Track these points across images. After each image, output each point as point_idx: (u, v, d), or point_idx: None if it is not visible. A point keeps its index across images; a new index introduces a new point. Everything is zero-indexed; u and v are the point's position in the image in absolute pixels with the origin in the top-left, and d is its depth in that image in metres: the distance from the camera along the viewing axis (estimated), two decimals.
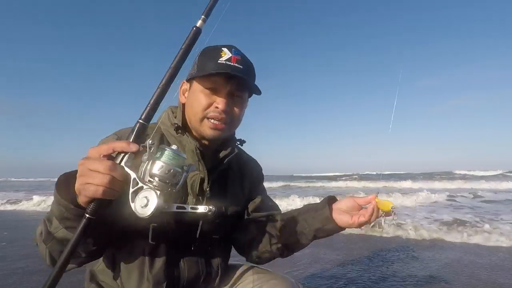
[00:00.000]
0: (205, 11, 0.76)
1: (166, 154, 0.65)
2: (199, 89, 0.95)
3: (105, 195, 0.65)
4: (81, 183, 0.66)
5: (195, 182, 0.97)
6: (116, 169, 0.64)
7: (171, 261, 0.93)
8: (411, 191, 10.67)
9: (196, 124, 0.95)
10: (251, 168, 1.17)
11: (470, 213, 5.94)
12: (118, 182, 0.65)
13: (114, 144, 0.66)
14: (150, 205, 0.63)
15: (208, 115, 0.93)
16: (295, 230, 1.00)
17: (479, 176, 23.04)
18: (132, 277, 0.90)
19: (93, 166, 0.64)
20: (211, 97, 0.93)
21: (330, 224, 0.94)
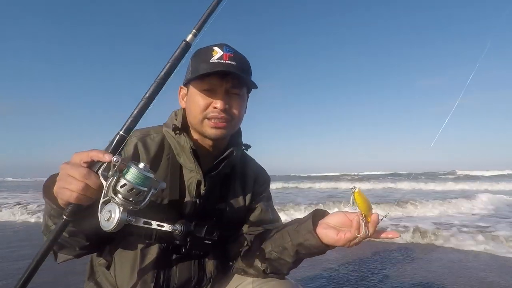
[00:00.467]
0: (197, 26, 0.75)
1: (131, 172, 0.65)
2: (195, 92, 0.95)
3: (79, 201, 0.68)
4: (58, 187, 0.70)
5: (192, 184, 0.98)
6: (90, 177, 0.67)
7: (162, 262, 0.95)
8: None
9: (197, 126, 0.96)
10: (256, 176, 1.15)
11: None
12: (91, 190, 0.68)
13: (92, 152, 0.69)
14: (112, 220, 0.65)
15: (207, 115, 0.94)
16: (277, 244, 0.95)
17: (486, 176, 22.48)
18: (124, 270, 0.94)
19: (70, 172, 0.68)
20: (208, 98, 0.93)
21: (312, 240, 0.86)
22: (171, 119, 1.04)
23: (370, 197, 1.06)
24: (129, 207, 0.66)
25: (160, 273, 0.95)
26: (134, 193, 0.66)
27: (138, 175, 0.65)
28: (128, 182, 0.65)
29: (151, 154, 0.98)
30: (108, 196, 0.66)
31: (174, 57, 0.74)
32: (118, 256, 0.96)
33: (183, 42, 0.75)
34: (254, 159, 1.21)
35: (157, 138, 1.01)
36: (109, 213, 0.66)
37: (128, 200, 0.66)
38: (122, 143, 0.72)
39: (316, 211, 0.93)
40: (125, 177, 0.65)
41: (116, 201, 0.66)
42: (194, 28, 0.75)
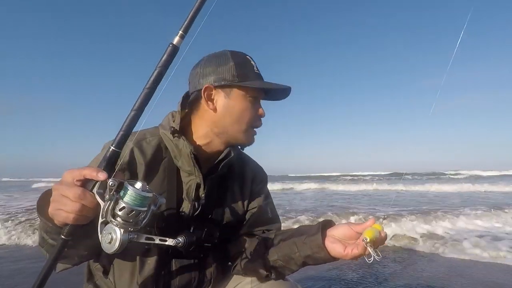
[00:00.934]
0: (183, 26, 0.69)
1: (128, 194, 0.63)
2: (244, 97, 0.95)
3: (76, 222, 0.66)
4: (53, 208, 0.68)
5: (191, 187, 0.96)
6: (85, 197, 0.65)
7: (162, 265, 0.94)
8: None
9: (237, 133, 0.97)
10: (253, 175, 1.13)
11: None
12: (88, 209, 0.66)
13: (84, 171, 0.66)
14: (114, 243, 0.64)
15: (254, 124, 0.98)
16: (284, 253, 0.93)
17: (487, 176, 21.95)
18: (124, 277, 0.93)
19: (64, 192, 0.66)
20: (254, 106, 0.97)
21: (321, 253, 0.86)
22: (168, 120, 1.00)
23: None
24: (129, 228, 0.65)
25: (160, 277, 0.94)
26: (133, 214, 0.64)
27: (137, 197, 0.63)
28: (127, 205, 0.63)
29: (147, 158, 0.95)
30: (107, 219, 0.64)
31: (162, 62, 0.69)
32: (117, 263, 0.95)
33: (170, 45, 0.69)
34: (251, 158, 1.19)
35: (154, 142, 0.98)
36: (110, 235, 0.64)
37: (128, 221, 0.64)
38: (115, 159, 0.69)
39: (324, 222, 0.92)
40: (123, 200, 0.63)
41: (116, 224, 0.64)
42: (180, 29, 0.69)
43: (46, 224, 0.74)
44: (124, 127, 0.69)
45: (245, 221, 1.08)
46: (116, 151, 0.69)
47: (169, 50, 0.69)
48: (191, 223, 0.94)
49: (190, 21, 0.69)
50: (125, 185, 0.64)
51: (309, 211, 6.30)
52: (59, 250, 0.71)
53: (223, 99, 0.95)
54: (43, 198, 0.75)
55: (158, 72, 0.69)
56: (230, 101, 0.94)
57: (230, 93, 0.94)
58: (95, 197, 0.66)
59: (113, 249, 0.64)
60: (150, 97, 0.70)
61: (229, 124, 0.95)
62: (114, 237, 0.64)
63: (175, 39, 0.69)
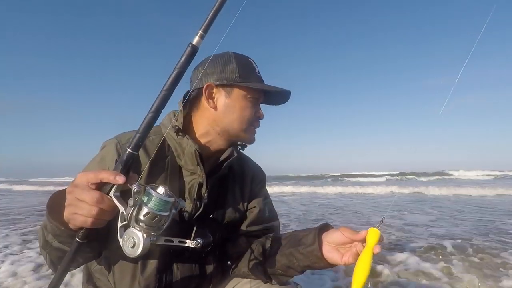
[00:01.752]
0: (203, 26, 0.67)
1: (153, 200, 0.62)
2: (244, 97, 0.96)
3: (94, 225, 0.66)
4: (69, 213, 0.66)
5: (193, 187, 0.96)
6: (103, 201, 0.64)
7: (164, 266, 0.94)
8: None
9: (238, 132, 0.98)
10: (252, 175, 1.14)
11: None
12: (106, 213, 0.65)
13: (101, 174, 0.65)
14: (137, 247, 0.63)
15: (253, 124, 0.99)
16: (282, 264, 0.93)
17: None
18: (125, 279, 0.93)
19: (81, 196, 0.64)
20: (254, 107, 0.98)
21: (320, 263, 0.87)
22: (169, 119, 0.99)
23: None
24: (152, 233, 0.65)
25: (162, 279, 0.94)
26: (157, 220, 0.63)
27: (160, 202, 0.62)
28: (151, 210, 0.62)
29: (151, 156, 0.94)
30: (130, 225, 0.64)
31: (181, 63, 0.67)
32: (117, 265, 0.94)
33: (189, 46, 0.67)
34: (250, 158, 1.19)
35: (156, 140, 0.97)
36: (132, 240, 0.64)
37: (151, 226, 0.64)
38: (132, 161, 0.68)
39: (320, 228, 0.90)
40: (147, 205, 0.62)
41: (139, 229, 0.63)
42: (200, 29, 0.67)
43: (57, 228, 0.72)
44: (141, 129, 0.68)
45: (244, 220, 1.09)
46: (133, 153, 0.67)
47: (188, 51, 0.67)
48: (193, 222, 0.95)
49: (210, 21, 0.67)
50: (148, 190, 0.63)
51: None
52: (74, 252, 0.70)
53: (224, 98, 0.95)
54: (54, 202, 0.73)
55: (176, 74, 0.67)
56: (231, 100, 0.95)
57: (231, 92, 0.95)
58: (113, 201, 0.65)
59: (136, 253, 0.64)
60: (168, 99, 0.68)
61: (230, 123, 0.95)
62: (137, 242, 0.63)
63: (195, 39, 0.67)
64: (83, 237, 0.68)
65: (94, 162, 0.94)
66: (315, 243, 0.86)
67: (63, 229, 0.71)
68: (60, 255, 0.80)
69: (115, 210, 0.66)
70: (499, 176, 25.02)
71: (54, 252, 0.80)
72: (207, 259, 1.01)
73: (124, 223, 0.65)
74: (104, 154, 0.93)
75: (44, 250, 0.81)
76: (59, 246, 0.77)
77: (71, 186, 0.67)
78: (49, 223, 0.73)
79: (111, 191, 0.65)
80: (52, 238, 0.76)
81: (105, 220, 0.67)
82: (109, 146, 0.94)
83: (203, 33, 0.67)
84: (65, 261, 0.70)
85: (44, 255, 0.84)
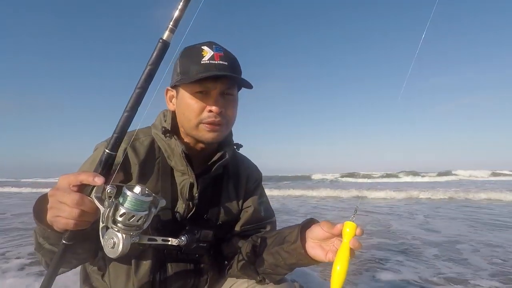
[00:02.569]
0: (173, 20, 0.65)
1: (128, 200, 0.61)
2: (187, 95, 0.91)
3: (76, 227, 0.66)
4: (52, 215, 0.67)
5: (185, 187, 0.95)
6: (83, 202, 0.64)
7: (157, 266, 0.93)
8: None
9: (191, 131, 0.93)
10: (248, 175, 1.12)
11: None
12: (87, 214, 0.65)
13: (80, 176, 0.65)
14: (117, 248, 0.63)
15: (203, 120, 0.90)
16: (270, 263, 0.92)
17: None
18: (119, 280, 0.93)
19: (62, 199, 0.65)
20: (202, 102, 0.89)
21: (305, 260, 0.85)
22: (160, 120, 0.98)
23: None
24: (131, 233, 0.64)
25: (156, 279, 0.93)
26: (135, 219, 0.63)
27: (136, 202, 0.62)
28: (127, 210, 0.61)
29: (141, 158, 0.94)
30: (108, 226, 0.63)
31: (152, 59, 0.66)
32: (112, 265, 0.94)
33: (160, 41, 0.65)
34: (246, 157, 1.17)
35: (146, 142, 0.97)
36: (112, 240, 0.63)
37: (129, 226, 0.63)
38: (111, 162, 0.67)
39: (302, 226, 0.88)
40: (123, 205, 0.61)
41: (117, 230, 0.63)
42: (169, 23, 0.65)
43: (45, 230, 0.72)
44: (118, 129, 0.67)
45: (239, 220, 1.07)
46: (111, 154, 0.67)
47: (159, 46, 0.65)
48: (186, 223, 0.94)
49: (180, 13, 0.65)
50: (123, 191, 0.62)
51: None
52: (61, 255, 0.71)
53: (175, 99, 0.97)
54: (39, 204, 0.74)
55: (149, 70, 0.66)
56: (178, 100, 0.94)
57: (178, 92, 0.94)
58: (94, 202, 0.64)
59: (116, 253, 0.64)
60: (142, 97, 0.67)
61: (184, 123, 0.94)
62: (117, 242, 0.63)
63: (165, 34, 0.65)
64: (69, 238, 0.68)
65: (86, 164, 0.95)
66: (298, 241, 0.85)
67: (50, 231, 0.72)
68: (53, 257, 0.81)
69: (97, 212, 0.65)
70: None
71: (47, 254, 0.81)
72: (202, 259, 1.00)
73: (105, 224, 0.65)
74: (95, 156, 0.95)
75: (38, 252, 0.83)
76: (50, 248, 0.78)
77: (53, 189, 0.67)
78: (37, 226, 0.74)
79: (92, 192, 0.65)
80: (43, 240, 0.77)
81: (88, 221, 0.66)
82: (100, 148, 0.95)
83: (173, 27, 0.65)
84: (53, 263, 0.71)
85: (39, 257, 0.85)
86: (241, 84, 0.94)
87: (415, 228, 4.73)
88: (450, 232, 4.29)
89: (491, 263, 2.90)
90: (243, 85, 0.94)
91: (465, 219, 5.57)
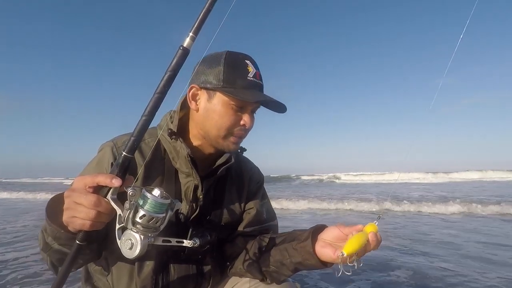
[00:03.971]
0: (194, 28, 0.67)
1: (148, 202, 0.63)
2: (225, 103, 0.90)
3: (92, 228, 0.67)
4: (68, 216, 0.68)
5: (189, 188, 0.97)
6: (100, 204, 0.65)
7: (160, 267, 0.94)
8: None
9: (216, 138, 0.93)
10: (250, 177, 1.14)
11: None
12: (104, 216, 0.67)
13: (98, 178, 0.66)
14: (135, 249, 0.65)
15: (234, 132, 0.93)
16: (276, 259, 0.94)
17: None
18: (122, 280, 0.94)
19: (78, 200, 0.65)
20: (237, 114, 0.92)
21: (312, 260, 0.86)
22: (165, 121, 0.98)
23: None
24: (149, 234, 0.66)
25: (159, 279, 0.95)
26: (154, 221, 0.64)
27: (156, 204, 0.63)
28: (147, 213, 0.63)
29: (146, 159, 0.95)
30: (128, 227, 0.65)
31: (172, 66, 0.67)
32: (115, 265, 0.95)
33: (180, 48, 0.67)
34: (248, 159, 1.19)
35: (152, 143, 0.97)
36: (130, 241, 0.65)
37: (148, 228, 0.65)
38: (127, 164, 0.68)
39: (315, 228, 0.90)
40: (143, 208, 0.63)
41: (136, 231, 0.64)
42: (190, 31, 0.67)
43: (57, 231, 0.73)
44: (136, 133, 0.68)
45: (242, 221, 1.09)
46: (128, 156, 0.68)
47: (180, 53, 0.67)
48: (189, 224, 0.95)
49: (201, 21, 0.67)
50: (143, 193, 0.64)
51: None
52: (74, 255, 0.71)
53: (205, 102, 0.93)
54: (53, 205, 0.74)
55: (168, 76, 0.68)
56: (211, 105, 0.91)
57: (213, 96, 0.91)
58: (110, 203, 0.66)
59: (134, 254, 0.65)
60: (160, 102, 0.69)
61: (209, 128, 0.93)
62: (135, 243, 0.65)
63: (186, 41, 0.67)
64: (83, 239, 0.69)
65: (92, 165, 0.96)
66: (308, 239, 0.87)
67: (62, 232, 0.72)
68: (60, 257, 0.82)
69: (113, 213, 0.67)
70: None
71: (54, 254, 0.81)
72: (204, 260, 1.02)
73: (122, 225, 0.66)
74: (100, 157, 0.95)
75: (45, 252, 0.83)
76: (59, 249, 0.78)
77: (69, 190, 0.68)
78: (49, 226, 0.75)
79: (108, 194, 0.67)
80: (52, 240, 0.78)
81: (103, 222, 0.68)
82: (105, 149, 0.96)
83: (194, 35, 0.67)
84: (66, 263, 0.72)
85: (45, 257, 0.85)
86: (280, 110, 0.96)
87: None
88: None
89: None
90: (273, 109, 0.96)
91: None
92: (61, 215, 0.70)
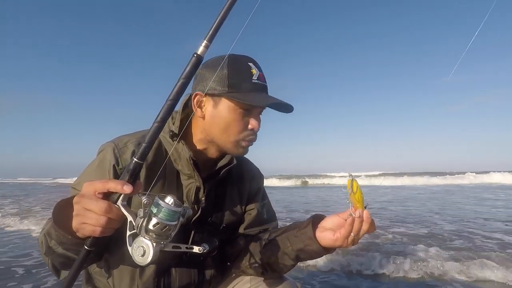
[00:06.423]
0: (208, 36, 0.66)
1: (162, 211, 0.63)
2: (231, 109, 0.90)
3: (103, 234, 0.66)
4: (78, 222, 0.67)
5: (191, 190, 0.97)
6: (111, 210, 0.65)
7: (162, 269, 0.95)
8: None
9: (226, 144, 0.94)
10: (251, 178, 1.14)
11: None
12: (114, 222, 0.66)
13: (108, 184, 0.65)
14: (147, 256, 0.65)
15: (245, 138, 0.93)
16: (277, 249, 0.95)
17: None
18: (124, 282, 0.94)
19: (89, 206, 0.65)
20: (245, 119, 0.91)
21: (313, 245, 0.88)
22: (168, 123, 0.97)
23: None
24: (161, 242, 0.66)
25: (161, 282, 0.95)
26: (167, 229, 0.65)
27: (169, 212, 0.64)
28: (161, 221, 0.63)
29: (148, 161, 0.94)
30: (140, 235, 0.65)
31: (186, 73, 0.67)
32: (116, 268, 0.95)
33: (194, 55, 0.66)
34: (248, 160, 1.19)
35: (154, 144, 0.96)
36: (142, 248, 0.65)
37: (160, 235, 0.65)
38: (138, 170, 0.68)
39: (314, 216, 0.93)
40: (157, 216, 0.63)
41: (149, 239, 0.65)
42: (205, 39, 0.66)
43: (64, 236, 0.72)
44: (148, 139, 0.68)
45: (243, 222, 1.11)
46: (139, 163, 0.68)
47: (194, 61, 0.67)
48: (191, 227, 0.96)
49: (215, 30, 0.66)
50: (156, 201, 0.64)
51: None
52: (82, 260, 0.71)
53: (211, 108, 0.92)
54: (60, 211, 0.73)
55: (181, 84, 0.67)
56: (218, 111, 0.91)
57: (218, 102, 0.90)
58: (121, 210, 0.66)
59: (146, 261, 0.65)
60: (173, 109, 0.69)
61: (217, 134, 0.93)
62: (147, 251, 0.65)
63: (200, 49, 0.66)
64: (92, 244, 0.69)
65: (93, 166, 0.94)
66: (309, 225, 0.90)
67: (70, 237, 0.71)
68: (63, 261, 0.81)
69: (123, 219, 0.67)
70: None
71: (57, 258, 0.80)
72: (206, 262, 1.02)
73: (133, 231, 0.66)
74: (102, 159, 0.93)
75: (47, 256, 0.82)
76: (63, 253, 0.77)
77: (78, 196, 0.67)
78: (55, 232, 0.73)
79: (119, 200, 0.66)
80: (55, 244, 0.77)
81: (113, 228, 0.68)
82: (106, 150, 0.94)
83: (208, 42, 0.66)
84: (73, 269, 0.71)
85: (47, 261, 0.84)
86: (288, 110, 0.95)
87: None
88: None
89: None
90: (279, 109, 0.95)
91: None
92: (67, 220, 0.70)
